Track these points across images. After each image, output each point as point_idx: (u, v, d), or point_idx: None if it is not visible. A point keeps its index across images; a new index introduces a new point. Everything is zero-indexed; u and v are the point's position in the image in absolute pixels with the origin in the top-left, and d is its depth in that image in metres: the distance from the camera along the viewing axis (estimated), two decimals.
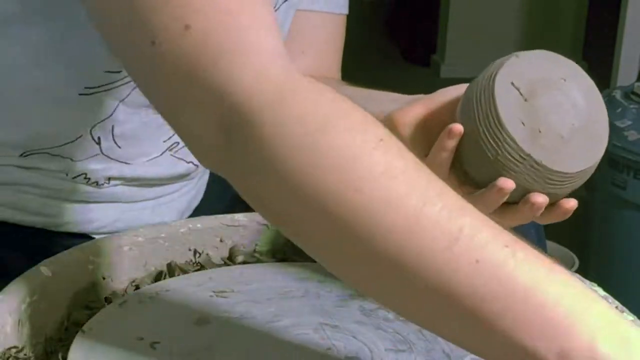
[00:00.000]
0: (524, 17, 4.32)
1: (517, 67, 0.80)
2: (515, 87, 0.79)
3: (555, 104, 0.80)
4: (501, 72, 0.80)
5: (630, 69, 2.91)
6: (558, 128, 0.79)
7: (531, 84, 0.80)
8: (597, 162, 0.82)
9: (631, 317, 0.83)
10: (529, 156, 0.78)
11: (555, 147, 0.79)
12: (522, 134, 0.78)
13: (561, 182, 0.80)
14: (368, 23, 5.41)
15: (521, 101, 0.79)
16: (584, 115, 0.81)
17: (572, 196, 0.83)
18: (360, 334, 0.81)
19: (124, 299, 0.86)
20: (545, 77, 0.80)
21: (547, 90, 0.80)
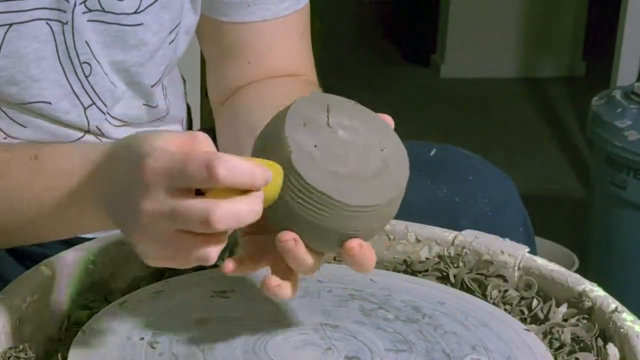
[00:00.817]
0: (524, 17, 4.32)
1: (302, 109, 0.76)
2: (303, 125, 0.75)
3: (343, 144, 0.75)
4: (289, 114, 0.75)
5: (630, 69, 2.91)
6: (353, 165, 0.74)
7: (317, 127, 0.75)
8: (402, 190, 0.77)
9: (631, 317, 0.83)
10: (327, 196, 0.72)
11: (354, 183, 0.74)
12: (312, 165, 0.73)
13: (360, 216, 0.74)
14: (368, 23, 5.41)
15: (310, 133, 0.74)
16: (378, 143, 0.77)
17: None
18: (360, 334, 0.81)
19: (124, 299, 0.86)
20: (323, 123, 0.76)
21: (329, 133, 0.75)
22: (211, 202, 0.68)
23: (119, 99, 1.02)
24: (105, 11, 0.96)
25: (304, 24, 1.10)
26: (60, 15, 0.94)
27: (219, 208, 0.68)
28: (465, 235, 0.96)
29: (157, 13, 0.99)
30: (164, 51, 1.02)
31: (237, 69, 1.08)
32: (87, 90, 0.99)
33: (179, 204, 0.68)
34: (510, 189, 1.09)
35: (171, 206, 0.69)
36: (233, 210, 0.68)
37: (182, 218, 0.69)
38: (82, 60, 0.97)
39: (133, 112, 1.05)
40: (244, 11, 1.05)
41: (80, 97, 0.99)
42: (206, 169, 0.67)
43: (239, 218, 0.69)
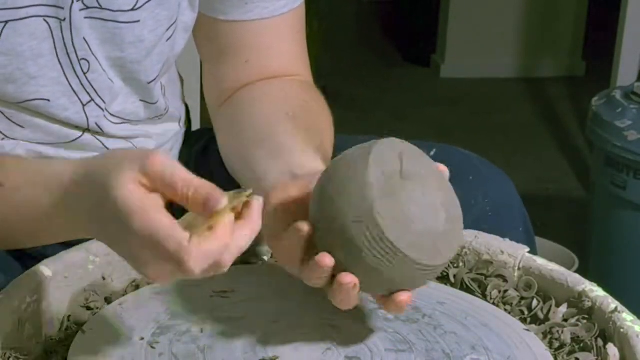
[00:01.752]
0: (524, 17, 4.32)
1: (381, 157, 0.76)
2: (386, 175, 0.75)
3: (418, 199, 0.75)
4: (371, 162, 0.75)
5: (630, 69, 2.91)
6: (428, 223, 0.75)
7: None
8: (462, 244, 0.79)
9: (631, 317, 0.83)
10: (402, 252, 0.74)
11: (427, 243, 0.75)
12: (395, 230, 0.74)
13: (428, 272, 0.76)
14: (367, 23, 5.41)
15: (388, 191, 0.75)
16: (443, 197, 0.78)
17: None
18: (360, 334, 0.81)
19: (124, 299, 0.86)
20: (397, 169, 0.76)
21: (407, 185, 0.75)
22: (185, 252, 0.70)
23: (117, 95, 1.02)
24: (102, 8, 0.96)
25: (300, 23, 1.10)
26: (58, 12, 0.94)
27: (226, 254, 0.71)
28: (465, 235, 0.95)
29: (154, 10, 0.99)
30: (161, 48, 1.02)
31: (234, 68, 1.08)
32: (85, 87, 0.99)
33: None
34: (511, 189, 1.09)
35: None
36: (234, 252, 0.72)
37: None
38: (80, 57, 0.97)
39: (130, 109, 1.05)
40: (241, 9, 1.05)
41: (78, 93, 0.99)
42: (177, 265, 0.70)
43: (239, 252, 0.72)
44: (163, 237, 0.69)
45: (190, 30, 1.07)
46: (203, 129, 1.28)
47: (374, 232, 0.73)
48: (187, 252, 0.69)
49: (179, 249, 0.69)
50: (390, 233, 0.73)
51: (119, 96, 1.03)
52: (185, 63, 1.23)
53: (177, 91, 1.16)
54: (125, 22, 0.97)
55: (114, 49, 0.99)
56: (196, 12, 1.05)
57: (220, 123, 1.10)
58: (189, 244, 0.69)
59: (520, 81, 4.31)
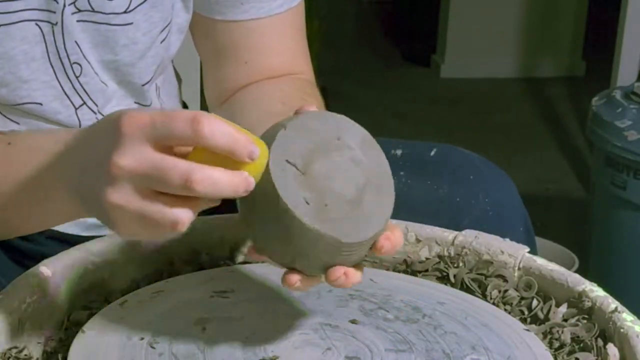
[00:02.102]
0: (524, 17, 4.32)
1: (288, 141, 0.73)
2: (291, 164, 0.72)
3: (334, 169, 0.74)
4: (273, 152, 0.72)
5: (630, 69, 2.91)
6: (343, 194, 0.73)
7: (306, 154, 0.73)
8: (389, 218, 0.76)
9: (631, 317, 0.83)
10: (322, 235, 0.72)
11: (346, 215, 0.73)
12: (310, 214, 0.72)
13: (355, 249, 0.74)
14: (368, 23, 5.41)
15: (300, 177, 0.72)
16: (366, 168, 0.76)
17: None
18: (360, 334, 0.81)
19: (124, 299, 0.86)
20: (318, 142, 0.74)
21: (322, 156, 0.74)
22: (193, 164, 0.67)
23: (110, 98, 1.02)
24: (94, 11, 0.96)
25: (300, 22, 1.10)
26: (50, 16, 0.94)
27: (200, 170, 0.66)
28: (465, 235, 0.96)
29: (147, 12, 0.99)
30: (155, 50, 1.02)
31: (234, 69, 1.08)
32: (77, 91, 0.99)
33: (158, 160, 0.67)
34: (511, 188, 1.09)
35: (151, 162, 0.67)
36: (213, 176, 0.67)
37: (161, 175, 0.67)
38: (73, 61, 0.97)
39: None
40: (237, 9, 1.05)
41: (71, 97, 0.99)
42: (191, 124, 0.66)
43: (218, 186, 0.67)
44: (180, 109, 0.68)
45: (185, 31, 1.07)
46: None
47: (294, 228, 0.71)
48: (207, 116, 0.66)
49: (197, 112, 0.66)
50: (309, 220, 0.71)
51: (113, 99, 1.03)
52: (185, 63, 1.23)
53: (174, 91, 1.16)
54: (118, 25, 0.97)
55: (107, 52, 0.99)
56: (190, 13, 1.05)
57: None
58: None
59: (520, 81, 4.32)
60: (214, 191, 0.67)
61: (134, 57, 1.00)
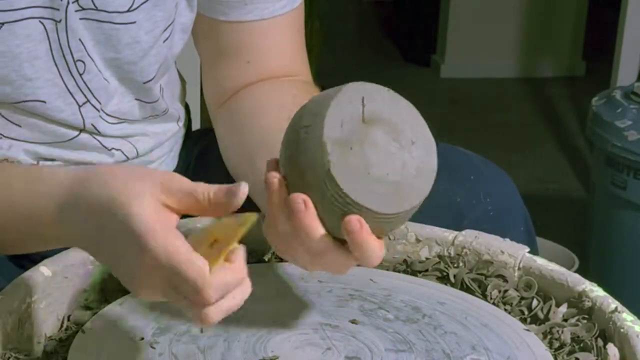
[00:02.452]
0: (524, 17, 4.32)
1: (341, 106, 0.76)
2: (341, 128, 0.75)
3: (376, 146, 0.76)
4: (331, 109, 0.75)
5: (630, 69, 2.91)
6: (386, 170, 0.75)
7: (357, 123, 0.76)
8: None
9: (631, 317, 0.83)
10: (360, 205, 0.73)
11: (386, 191, 0.75)
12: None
13: (390, 221, 0.76)
14: (368, 23, 5.41)
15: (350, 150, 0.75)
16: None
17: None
18: (360, 334, 0.81)
19: (124, 299, 0.86)
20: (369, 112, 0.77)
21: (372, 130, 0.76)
22: (208, 280, 0.69)
23: (112, 95, 1.02)
24: (98, 9, 0.96)
25: (300, 23, 1.10)
26: (54, 14, 0.94)
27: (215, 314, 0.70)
28: (465, 235, 0.96)
29: (150, 11, 0.99)
30: (158, 49, 1.02)
31: (235, 69, 1.08)
32: (81, 88, 0.99)
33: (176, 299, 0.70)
34: (512, 188, 1.09)
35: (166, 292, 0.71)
36: (224, 308, 0.71)
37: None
38: (76, 58, 0.97)
39: (125, 108, 1.04)
40: (241, 10, 1.05)
41: (74, 95, 0.99)
42: (197, 292, 0.69)
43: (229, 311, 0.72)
44: (183, 262, 0.68)
45: (189, 30, 1.07)
46: (203, 129, 1.28)
47: (333, 189, 0.73)
48: (210, 280, 0.68)
49: (200, 276, 0.68)
50: (347, 187, 0.73)
51: (115, 96, 1.03)
52: (185, 63, 1.22)
53: (177, 93, 1.16)
54: (121, 24, 0.97)
55: (110, 50, 0.99)
56: (194, 12, 1.05)
57: (221, 125, 1.09)
58: (211, 274, 0.69)
59: (520, 81, 4.31)
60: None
61: (136, 56, 1.00)
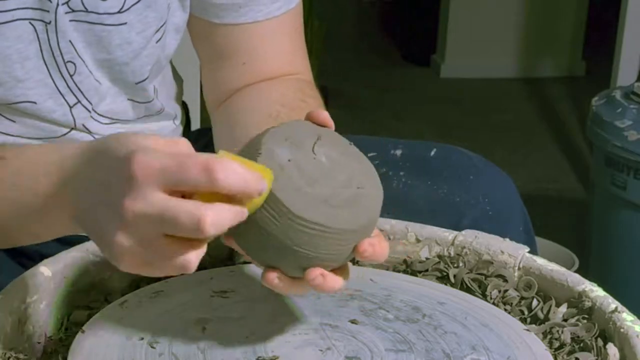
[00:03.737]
0: (524, 17, 4.32)
1: (274, 143, 0.74)
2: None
3: (319, 165, 0.75)
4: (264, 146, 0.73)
5: (630, 69, 2.91)
6: (328, 190, 0.74)
7: (292, 152, 0.74)
8: (374, 218, 0.76)
9: (631, 317, 0.83)
10: (305, 219, 0.72)
11: (329, 207, 0.73)
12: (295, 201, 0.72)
13: (335, 239, 0.73)
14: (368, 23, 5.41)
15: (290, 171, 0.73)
16: (349, 165, 0.77)
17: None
18: (360, 334, 0.81)
19: (124, 299, 0.86)
20: (299, 142, 0.75)
21: (307, 154, 0.75)
22: (203, 207, 0.66)
23: (104, 96, 1.02)
24: (88, 11, 0.96)
25: (298, 23, 1.10)
26: (43, 15, 0.94)
27: (210, 213, 0.65)
28: (465, 235, 0.96)
29: (142, 12, 0.99)
30: (150, 50, 1.02)
31: (232, 70, 1.08)
32: (72, 89, 0.99)
33: (170, 205, 0.66)
34: (511, 188, 1.09)
35: (161, 207, 0.66)
36: (221, 217, 0.66)
37: (172, 221, 0.66)
38: (67, 60, 0.97)
39: (118, 108, 1.04)
40: (235, 13, 1.05)
41: (65, 96, 0.99)
42: (205, 172, 0.65)
43: (224, 226, 0.67)
44: (190, 153, 0.67)
45: (182, 30, 1.07)
46: (202, 129, 1.28)
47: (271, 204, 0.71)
48: (220, 161, 0.66)
49: (210, 158, 0.66)
50: (275, 189, 0.71)
51: (107, 97, 1.03)
52: (185, 63, 1.23)
53: (173, 92, 1.16)
54: (112, 25, 0.97)
55: (101, 51, 0.99)
56: (187, 12, 1.05)
57: (217, 123, 1.10)
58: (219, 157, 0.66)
59: (520, 81, 4.32)
60: (222, 230, 0.67)
61: (127, 57, 1.00)
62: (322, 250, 0.73)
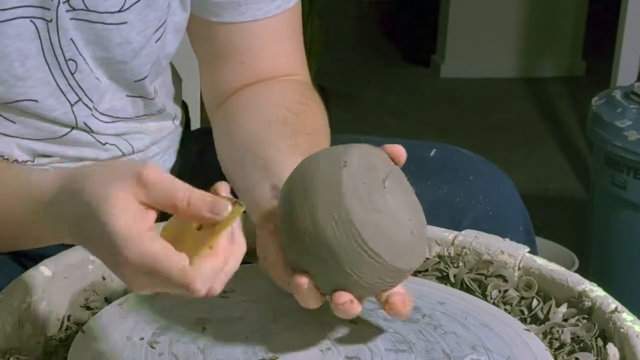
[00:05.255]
0: (524, 17, 4.32)
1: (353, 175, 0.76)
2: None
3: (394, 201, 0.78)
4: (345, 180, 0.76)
5: (630, 69, 2.91)
6: (398, 226, 0.77)
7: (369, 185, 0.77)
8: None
9: (631, 317, 0.83)
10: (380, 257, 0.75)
11: (400, 249, 0.77)
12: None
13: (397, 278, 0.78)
14: (368, 23, 5.41)
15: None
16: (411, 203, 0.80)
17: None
18: (360, 334, 0.81)
19: (124, 299, 0.86)
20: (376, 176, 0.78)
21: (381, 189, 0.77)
22: (190, 273, 0.68)
23: (104, 93, 1.02)
24: (88, 10, 0.96)
25: (296, 23, 1.10)
26: (44, 13, 0.94)
27: (199, 278, 0.69)
28: (465, 235, 0.96)
29: (142, 11, 0.99)
30: (149, 49, 1.02)
31: (231, 70, 1.08)
32: (73, 87, 0.99)
33: (159, 270, 0.69)
34: (511, 189, 1.09)
35: (151, 269, 0.69)
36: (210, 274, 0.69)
37: (163, 285, 0.69)
38: (68, 58, 0.97)
39: (118, 105, 1.04)
40: (234, 11, 1.05)
41: (66, 94, 0.99)
42: (185, 288, 0.68)
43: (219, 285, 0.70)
44: (161, 264, 0.68)
45: (183, 30, 1.07)
46: (201, 129, 1.28)
47: (349, 235, 0.74)
48: (192, 275, 0.68)
49: (183, 274, 0.68)
50: (366, 236, 0.74)
51: (107, 94, 1.03)
52: (185, 63, 1.22)
53: (173, 92, 1.16)
54: (112, 24, 0.97)
55: (101, 49, 0.99)
56: (188, 11, 1.05)
57: (216, 126, 1.10)
58: (192, 266, 0.68)
59: (520, 81, 4.31)
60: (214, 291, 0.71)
61: (127, 56, 1.00)
62: (367, 279, 0.76)
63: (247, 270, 0.92)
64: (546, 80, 4.30)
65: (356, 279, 0.75)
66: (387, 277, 0.76)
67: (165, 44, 1.04)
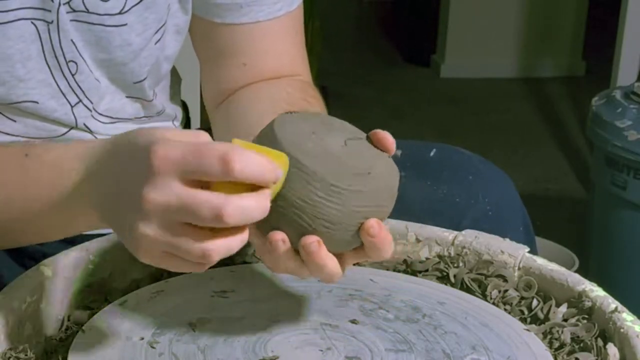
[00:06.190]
0: (524, 17, 4.32)
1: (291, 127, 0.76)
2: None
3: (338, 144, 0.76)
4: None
5: (630, 69, 2.91)
6: (349, 164, 0.75)
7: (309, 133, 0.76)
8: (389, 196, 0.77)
9: (631, 317, 0.83)
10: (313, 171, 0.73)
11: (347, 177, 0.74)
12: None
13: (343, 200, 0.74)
14: (368, 23, 5.41)
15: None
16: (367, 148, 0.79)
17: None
18: (360, 334, 0.81)
19: (124, 299, 0.86)
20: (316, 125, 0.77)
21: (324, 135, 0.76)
22: (223, 197, 0.67)
23: (104, 94, 1.02)
24: (89, 12, 0.96)
25: (298, 25, 1.10)
26: (45, 15, 0.94)
27: (230, 203, 0.66)
28: (465, 235, 0.96)
29: (142, 13, 0.99)
30: (149, 51, 1.02)
31: (232, 71, 1.08)
32: (73, 89, 0.99)
33: (190, 195, 0.67)
34: (511, 189, 1.10)
35: (181, 197, 0.67)
36: (243, 206, 0.67)
37: (191, 211, 0.67)
38: (68, 59, 0.97)
39: (117, 106, 1.05)
40: (236, 13, 1.05)
41: (67, 95, 0.99)
42: (222, 162, 0.66)
43: (248, 214, 0.68)
44: (208, 143, 0.67)
45: (185, 32, 1.07)
46: (202, 128, 1.28)
47: (300, 176, 0.72)
48: (236, 151, 0.66)
49: (228, 148, 0.67)
50: (307, 161, 0.72)
51: (106, 95, 1.03)
52: (185, 63, 1.23)
53: (172, 93, 1.16)
54: (112, 26, 0.97)
55: (101, 51, 0.99)
56: (189, 14, 1.05)
57: (217, 122, 1.10)
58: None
59: (520, 81, 4.32)
60: (245, 220, 0.68)
61: (127, 58, 1.00)
62: (320, 210, 0.73)
63: (247, 270, 0.92)
64: (546, 80, 4.30)
65: (310, 210, 0.72)
66: (350, 206, 0.73)
67: (165, 46, 1.04)
